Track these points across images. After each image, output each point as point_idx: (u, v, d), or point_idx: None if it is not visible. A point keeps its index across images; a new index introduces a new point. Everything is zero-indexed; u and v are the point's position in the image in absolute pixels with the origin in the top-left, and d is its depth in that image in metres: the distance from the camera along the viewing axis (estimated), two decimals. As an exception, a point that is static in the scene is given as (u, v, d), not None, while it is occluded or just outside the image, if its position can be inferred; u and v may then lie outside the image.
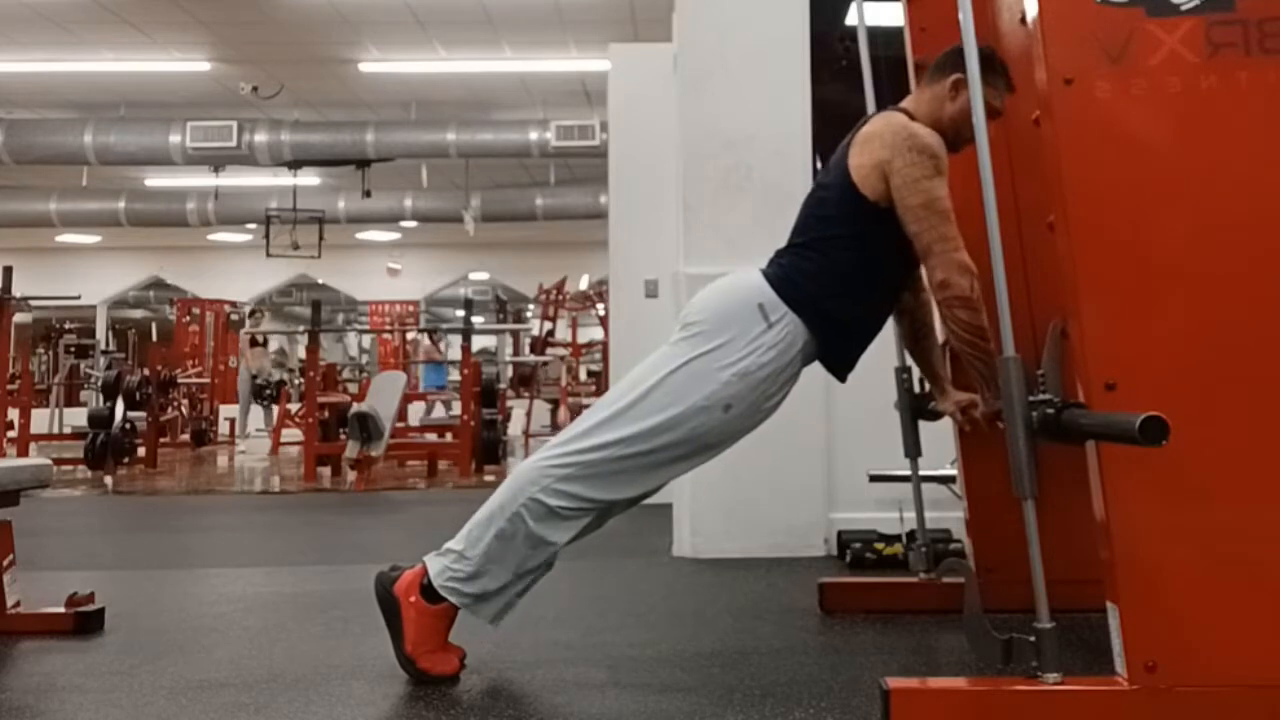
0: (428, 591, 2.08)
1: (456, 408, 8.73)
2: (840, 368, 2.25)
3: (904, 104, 2.33)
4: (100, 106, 10.93)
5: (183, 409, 11.71)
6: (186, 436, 11.27)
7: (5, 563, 2.53)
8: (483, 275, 17.93)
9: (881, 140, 2.16)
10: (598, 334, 14.31)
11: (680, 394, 2.06)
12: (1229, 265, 1.75)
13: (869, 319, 2.28)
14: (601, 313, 12.57)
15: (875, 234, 2.16)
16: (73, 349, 14.68)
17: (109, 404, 8.20)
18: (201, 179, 12.16)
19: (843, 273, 2.16)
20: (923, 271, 2.25)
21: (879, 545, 3.40)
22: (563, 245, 15.61)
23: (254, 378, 11.20)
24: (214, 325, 14.41)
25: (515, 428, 11.63)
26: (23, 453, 8.51)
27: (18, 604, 2.58)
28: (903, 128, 2.15)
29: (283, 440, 10.54)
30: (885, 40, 2.97)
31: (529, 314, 16.59)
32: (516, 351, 13.29)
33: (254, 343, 11.44)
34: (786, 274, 2.16)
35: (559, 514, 2.06)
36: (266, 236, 12.07)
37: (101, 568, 3.75)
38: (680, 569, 3.42)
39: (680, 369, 2.08)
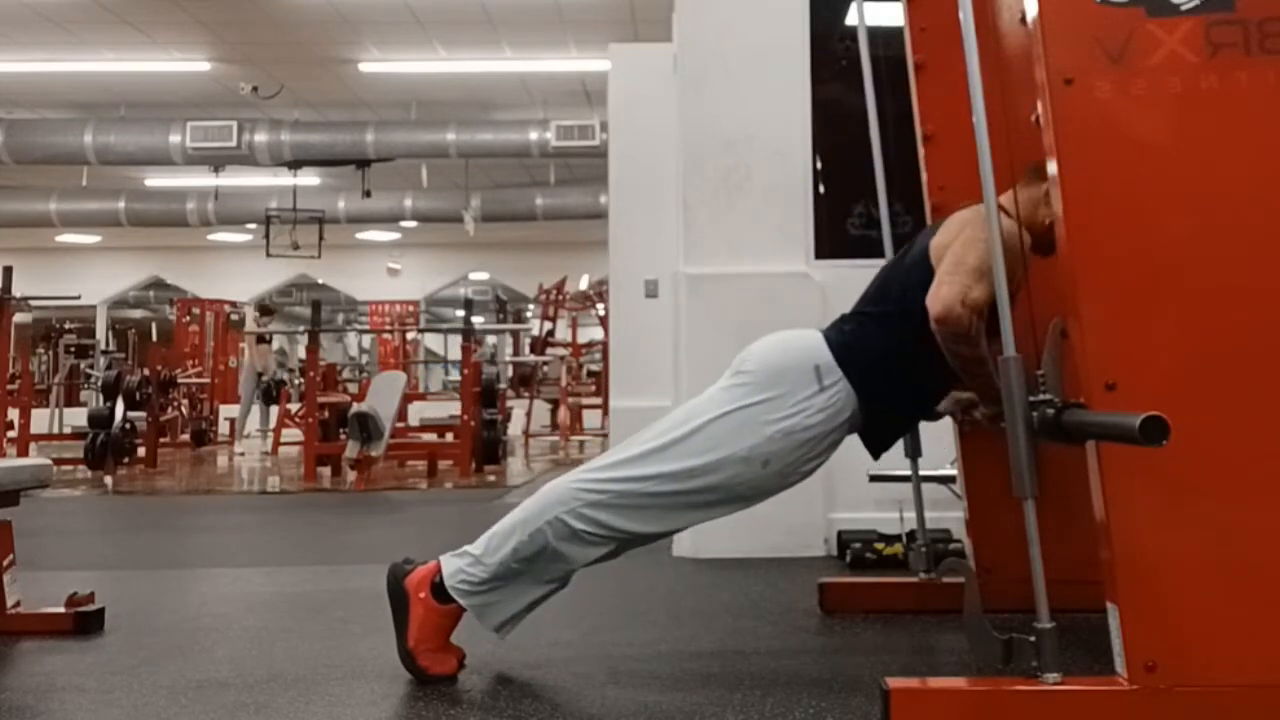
0: (438, 590, 2.08)
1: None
2: (876, 444, 2.24)
3: (1001, 199, 2.17)
4: (100, 106, 10.93)
5: (183, 409, 11.71)
6: (186, 436, 11.27)
7: (5, 563, 2.53)
8: (483, 275, 17.94)
9: (965, 221, 2.13)
10: (598, 334, 14.32)
11: (722, 441, 2.05)
12: (1229, 265, 1.75)
13: (917, 402, 2.28)
14: (601, 313, 12.58)
15: None
16: (73, 349, 14.70)
17: (109, 404, 8.20)
18: (201, 179, 12.16)
19: (903, 351, 2.13)
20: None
21: (879, 545, 3.39)
22: (563, 245, 15.61)
23: (260, 375, 11.17)
24: (214, 325, 14.41)
25: (515, 428, 11.63)
26: (23, 453, 8.51)
27: (18, 604, 2.57)
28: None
29: (283, 440, 10.54)
30: (885, 40, 2.97)
31: (529, 314, 16.59)
32: (516, 351, 13.30)
33: (260, 340, 11.40)
34: (847, 341, 2.14)
35: (582, 537, 2.06)
36: (266, 236, 12.07)
37: (101, 568, 3.75)
38: (680, 569, 3.41)
39: (726, 416, 2.07)
